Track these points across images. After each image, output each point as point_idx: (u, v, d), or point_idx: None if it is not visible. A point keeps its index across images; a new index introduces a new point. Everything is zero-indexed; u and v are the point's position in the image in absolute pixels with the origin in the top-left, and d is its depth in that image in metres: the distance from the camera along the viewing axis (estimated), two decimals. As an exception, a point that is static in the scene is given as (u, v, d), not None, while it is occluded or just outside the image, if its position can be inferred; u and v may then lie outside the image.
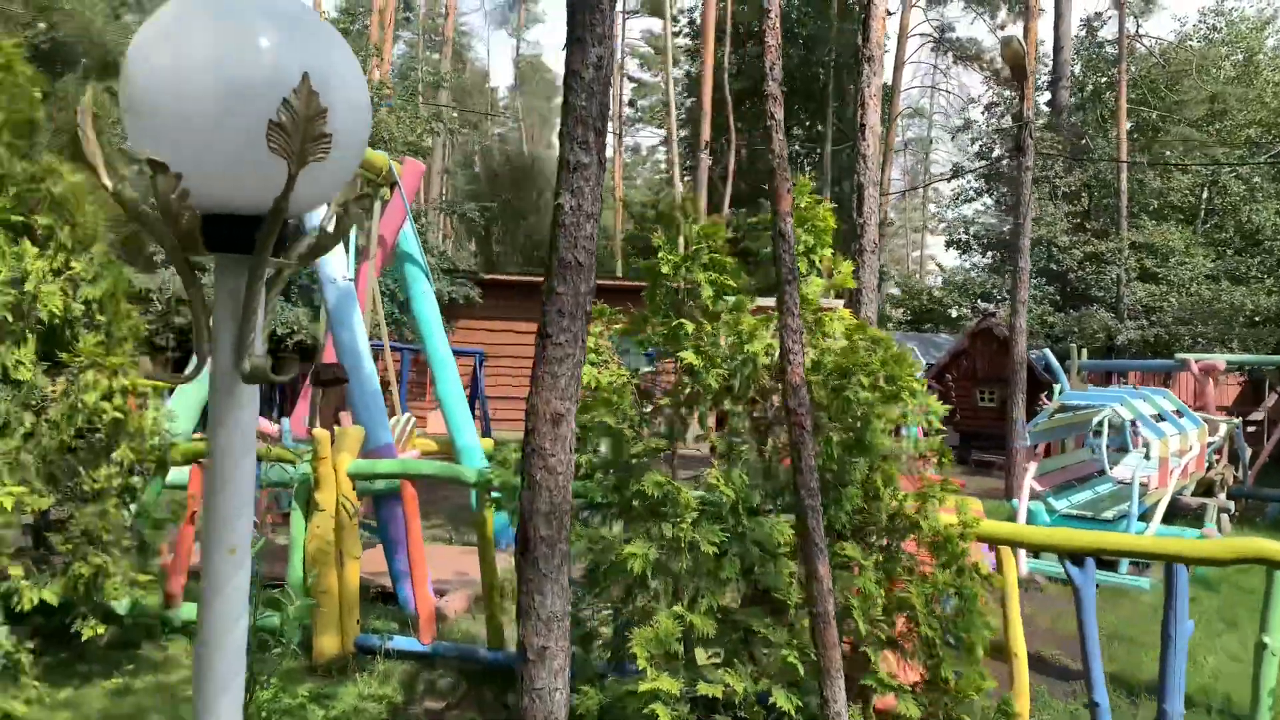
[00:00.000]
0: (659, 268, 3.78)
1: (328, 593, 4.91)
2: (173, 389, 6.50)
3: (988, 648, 3.36)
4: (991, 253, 24.36)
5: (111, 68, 16.70)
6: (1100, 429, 9.47)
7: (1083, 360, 14.91)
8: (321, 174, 1.24)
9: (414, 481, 5.18)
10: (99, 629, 4.42)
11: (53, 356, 4.45)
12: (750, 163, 26.85)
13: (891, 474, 3.46)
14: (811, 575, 3.01)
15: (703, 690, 2.98)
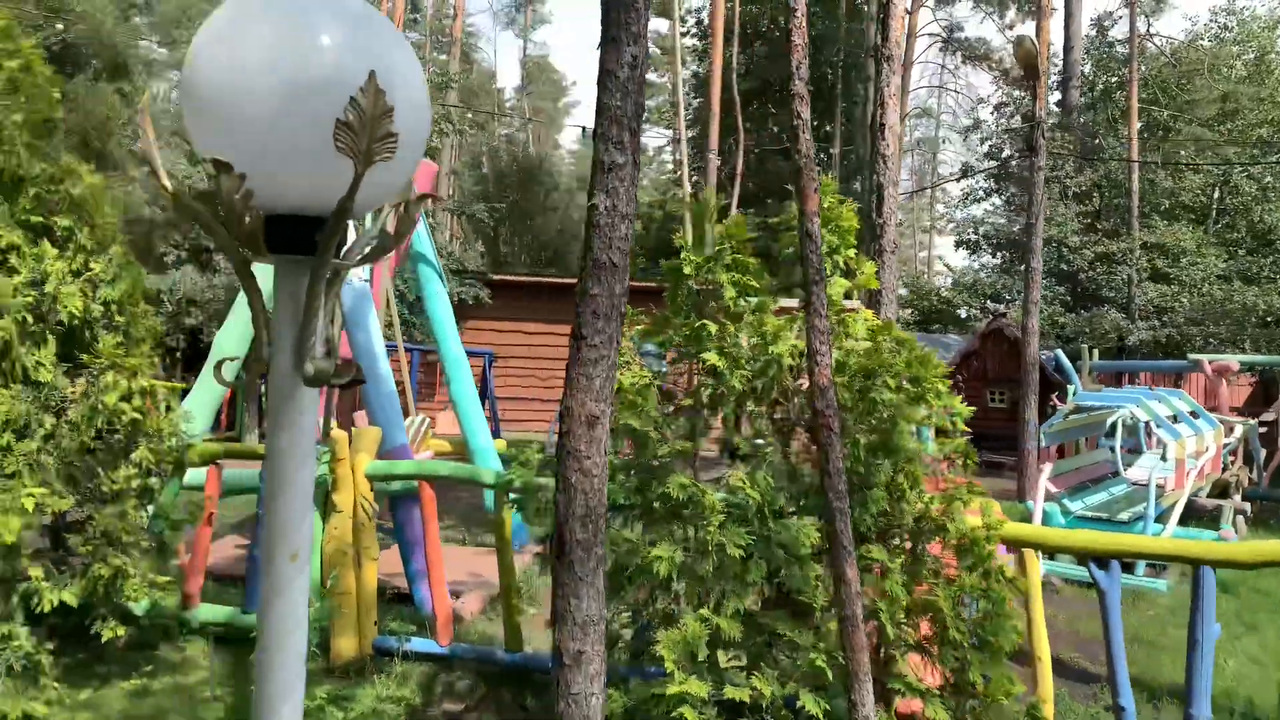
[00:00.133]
0: (681, 268, 3.76)
1: (345, 594, 4.90)
2: (187, 390, 6.50)
3: (1015, 651, 3.33)
4: (1001, 253, 24.28)
5: (121, 69, 16.76)
6: (1113, 430, 9.42)
7: (1094, 361, 14.84)
8: (383, 174, 1.22)
9: (431, 483, 5.17)
10: (119, 630, 4.42)
11: (72, 358, 4.45)
12: (758, 163, 26.79)
13: (917, 476, 3.44)
14: (840, 578, 2.99)
15: (730, 694, 2.95)
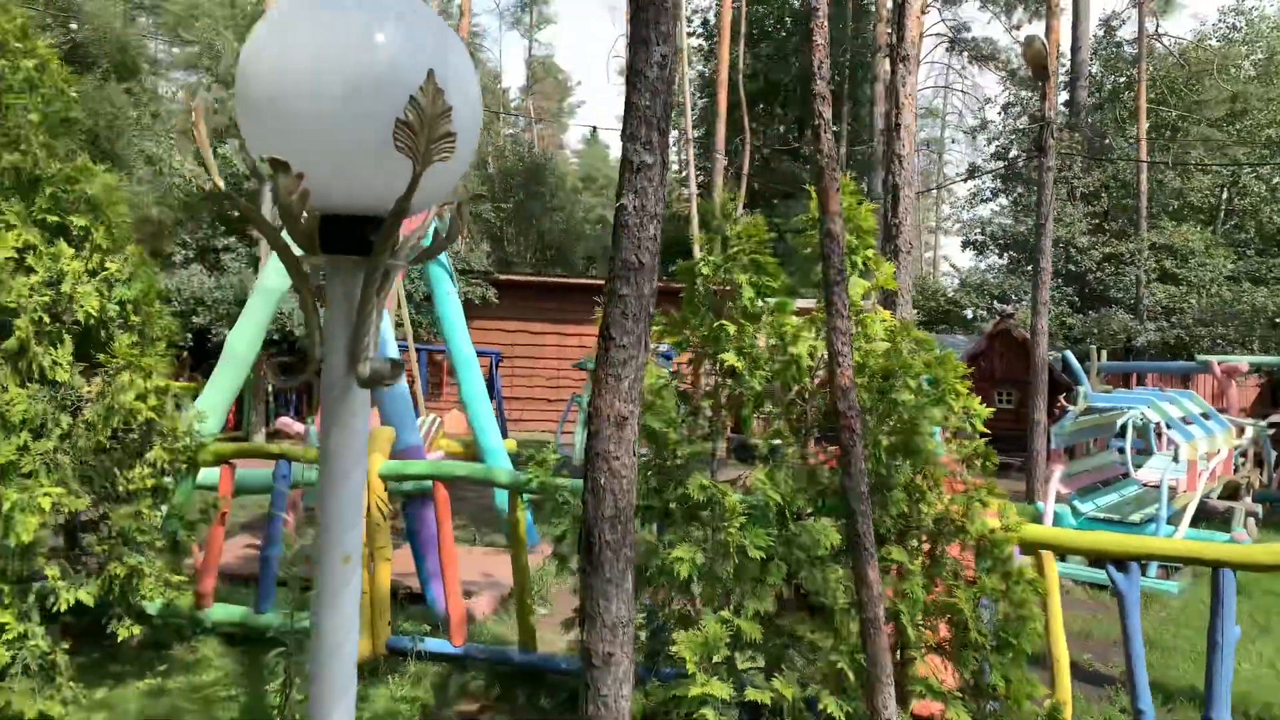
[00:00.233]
0: (699, 269, 3.74)
1: (360, 594, 4.90)
2: (199, 390, 6.50)
3: (1037, 653, 3.32)
4: (1008, 253, 24.22)
5: (129, 69, 16.80)
6: (1124, 431, 9.38)
7: (1102, 362, 14.80)
8: (438, 173, 1.20)
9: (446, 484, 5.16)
10: (134, 629, 4.42)
11: (88, 357, 4.45)
12: (764, 163, 26.78)
13: (937, 477, 3.42)
14: (862, 580, 2.97)
15: (752, 696, 2.94)
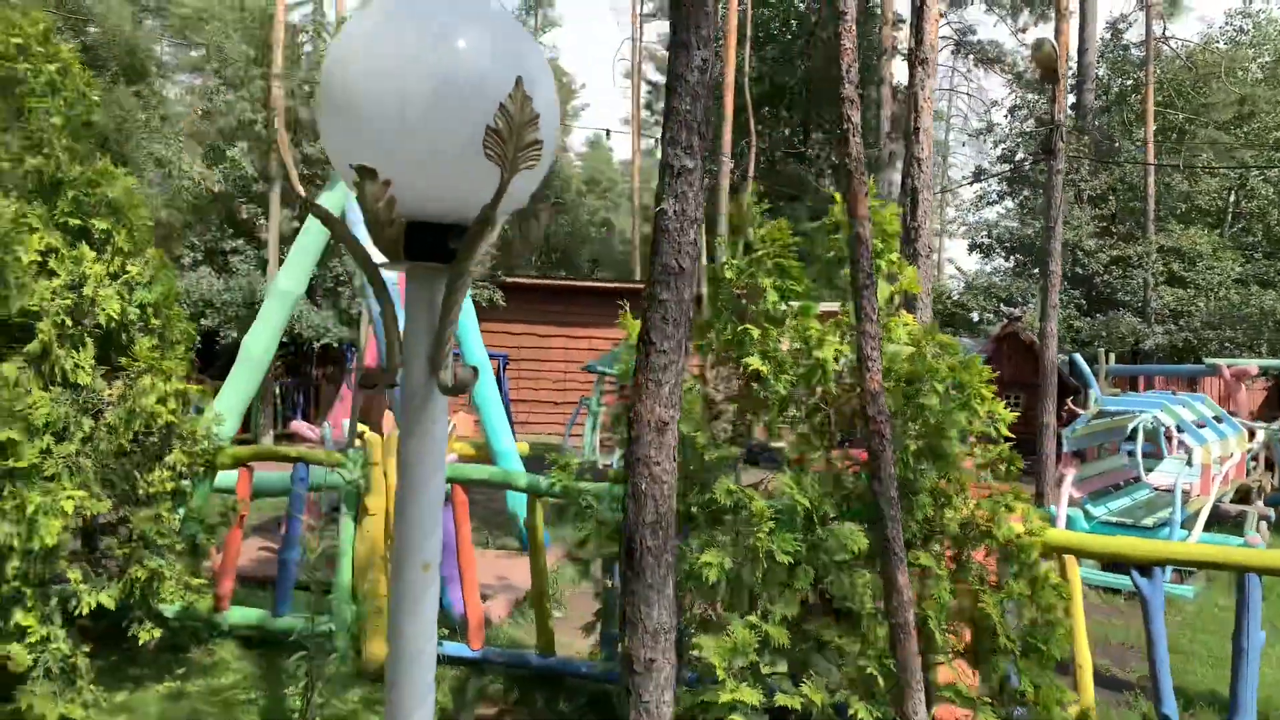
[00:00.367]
0: (723, 273, 3.74)
1: (377, 598, 4.89)
2: (216, 391, 6.51)
3: (1066, 659, 3.31)
4: (1014, 256, 24.19)
5: (137, 72, 16.84)
6: (1134, 435, 9.35)
7: (1111, 365, 14.76)
8: (518, 178, 1.20)
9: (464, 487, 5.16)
10: (155, 633, 4.42)
11: (109, 360, 4.45)
12: (770, 166, 26.77)
13: (964, 482, 3.41)
14: (891, 585, 2.97)
15: (782, 701, 2.93)
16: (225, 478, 5.54)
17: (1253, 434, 10.85)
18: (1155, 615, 3.94)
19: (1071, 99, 22.29)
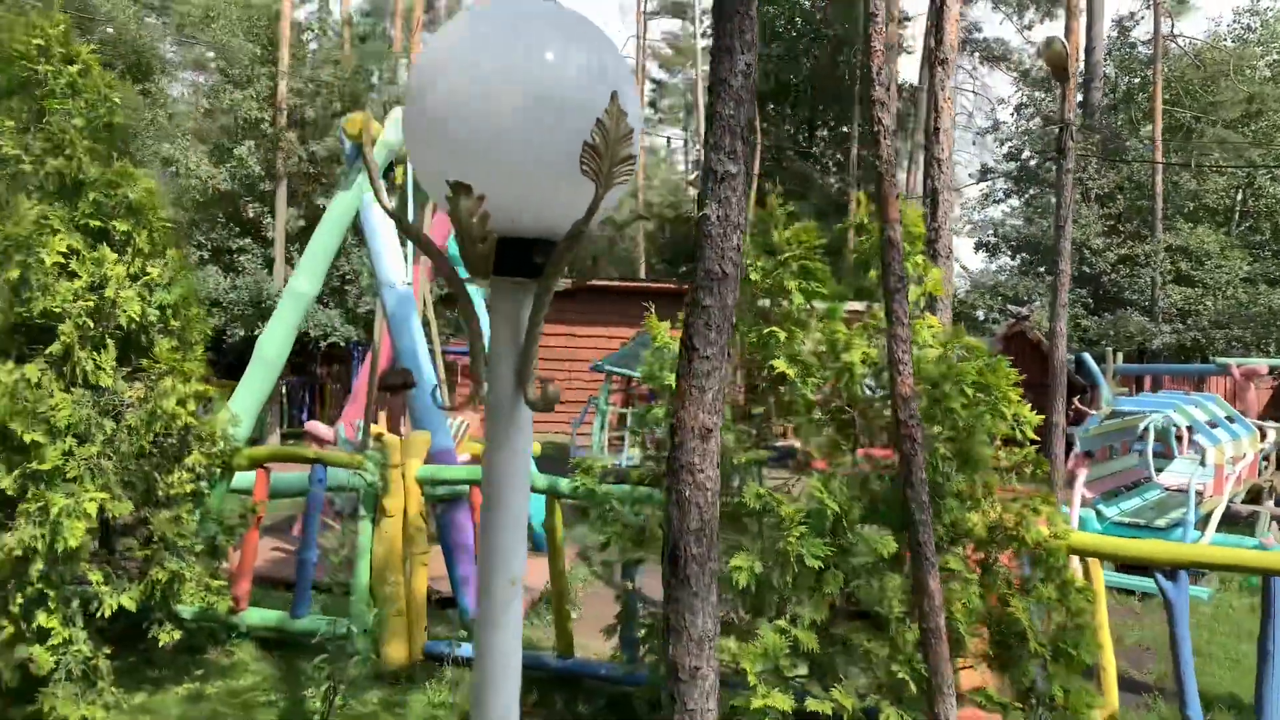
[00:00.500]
0: (748, 274, 3.72)
1: (396, 600, 4.89)
2: (230, 393, 6.50)
3: (1094, 664, 3.29)
4: (1020, 255, 24.14)
5: (143, 71, 16.83)
6: (1144, 435, 9.32)
7: (1118, 364, 14.72)
8: (610, 193, 1.18)
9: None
10: (174, 634, 4.42)
11: (129, 361, 4.45)
12: (775, 164, 26.73)
13: (992, 485, 3.40)
14: (922, 590, 2.95)
15: (813, 706, 2.92)
16: (241, 478, 5.53)
17: (1264, 434, 10.82)
18: (1180, 618, 3.93)
19: (1079, 97, 22.22)
